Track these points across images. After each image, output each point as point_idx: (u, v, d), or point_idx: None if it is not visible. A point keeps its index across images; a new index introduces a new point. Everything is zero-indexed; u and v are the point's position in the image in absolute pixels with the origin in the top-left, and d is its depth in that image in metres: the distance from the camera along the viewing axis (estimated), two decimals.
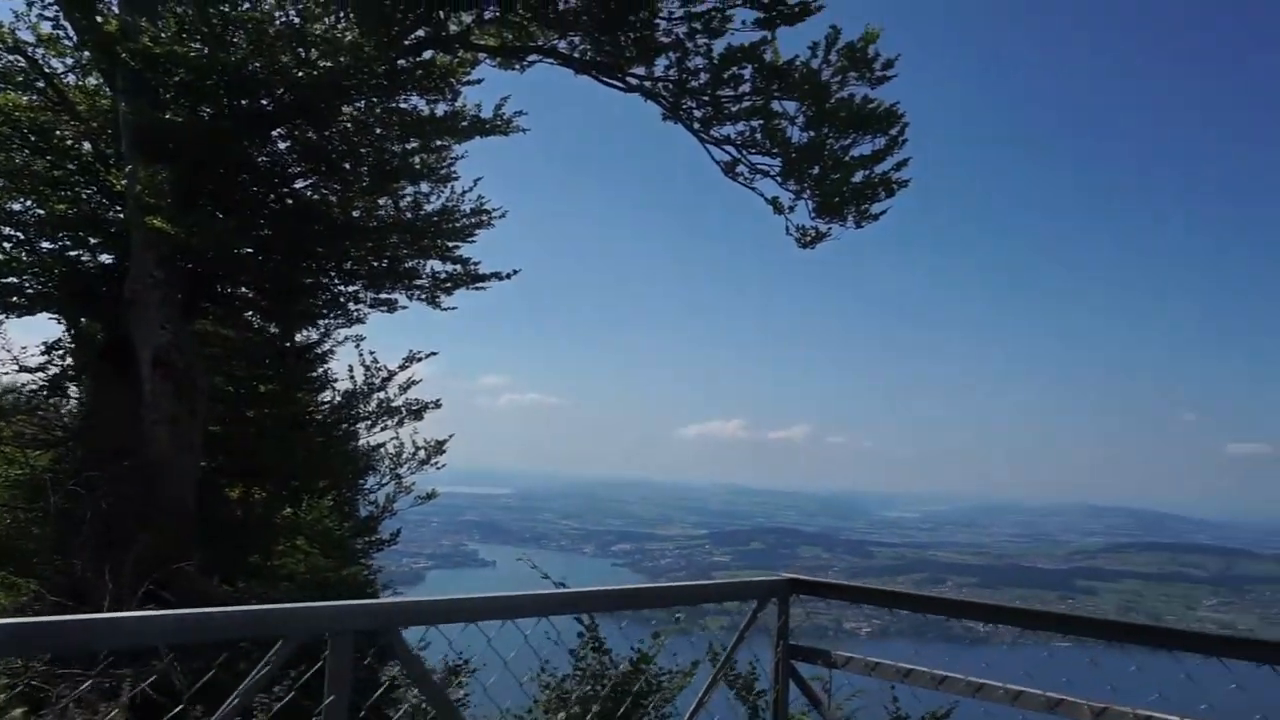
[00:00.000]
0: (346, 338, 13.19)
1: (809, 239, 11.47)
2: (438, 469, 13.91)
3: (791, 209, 11.40)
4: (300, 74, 9.08)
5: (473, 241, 12.17)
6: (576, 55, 10.92)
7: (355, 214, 11.64)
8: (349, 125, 10.83)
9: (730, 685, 5.32)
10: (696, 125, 11.34)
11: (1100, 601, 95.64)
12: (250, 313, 12.32)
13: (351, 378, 13.11)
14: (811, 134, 10.91)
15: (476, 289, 12.68)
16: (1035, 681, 3.05)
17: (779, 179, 11.28)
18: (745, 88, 10.95)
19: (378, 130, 10.93)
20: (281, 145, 10.81)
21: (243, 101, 9.37)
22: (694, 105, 11.25)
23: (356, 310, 12.87)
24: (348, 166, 11.20)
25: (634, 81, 11.09)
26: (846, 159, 10.98)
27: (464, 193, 11.87)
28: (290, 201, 11.05)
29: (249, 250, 10.82)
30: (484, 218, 12.09)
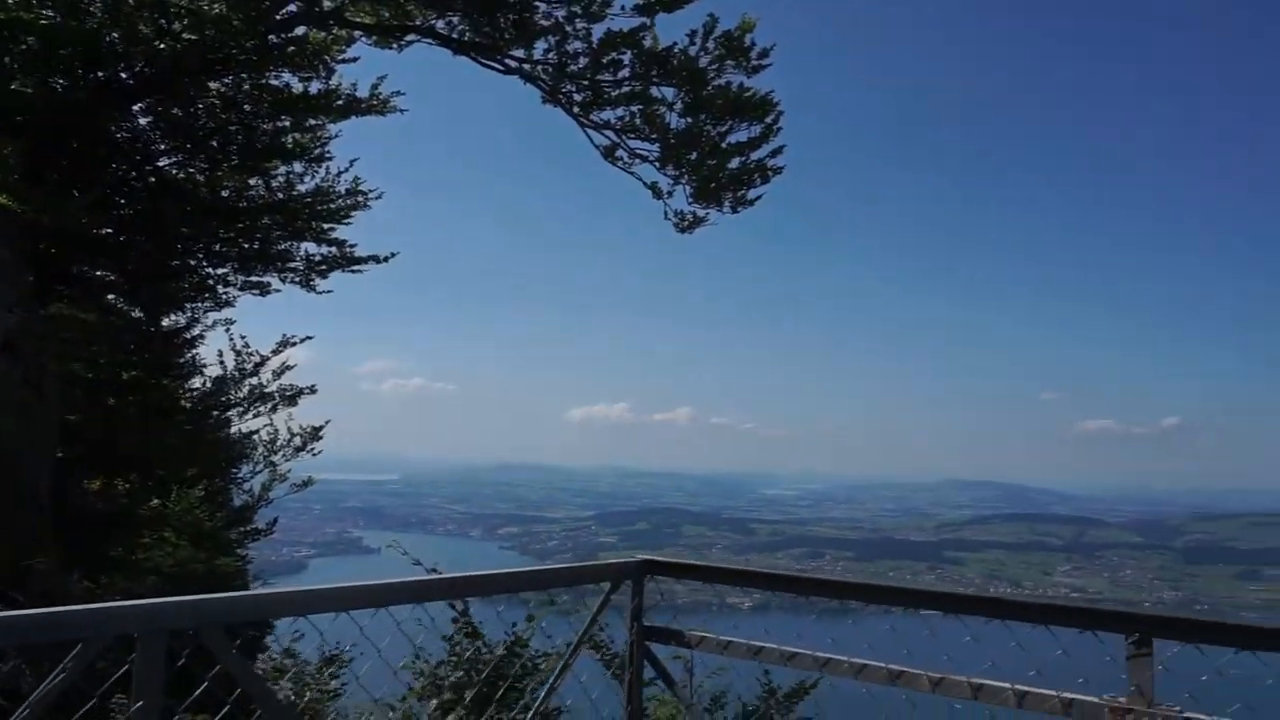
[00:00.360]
0: (216, 322, 12.70)
1: (687, 224, 11.61)
2: (314, 455, 13.55)
3: (670, 194, 11.50)
4: (162, 46, 8.64)
5: (349, 223, 11.87)
6: (455, 35, 10.73)
7: (224, 194, 11.20)
8: (216, 101, 10.39)
9: (607, 666, 5.37)
10: (576, 109, 11.31)
11: (966, 570, 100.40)
12: (112, 296, 11.73)
13: (222, 363, 12.61)
14: (689, 120, 11.02)
15: (353, 272, 12.38)
16: (879, 654, 3.18)
17: (658, 164, 11.37)
18: (625, 73, 10.97)
19: (247, 107, 10.52)
20: (143, 121, 10.30)
21: (99, 73, 8.87)
22: (573, 89, 11.21)
23: (226, 293, 12.39)
24: (215, 144, 10.74)
25: (513, 64, 10.97)
26: (723, 145, 11.14)
27: (339, 174, 11.55)
28: (154, 180, 10.54)
29: (108, 230, 10.28)
30: (360, 199, 11.80)
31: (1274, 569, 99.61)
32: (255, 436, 13.06)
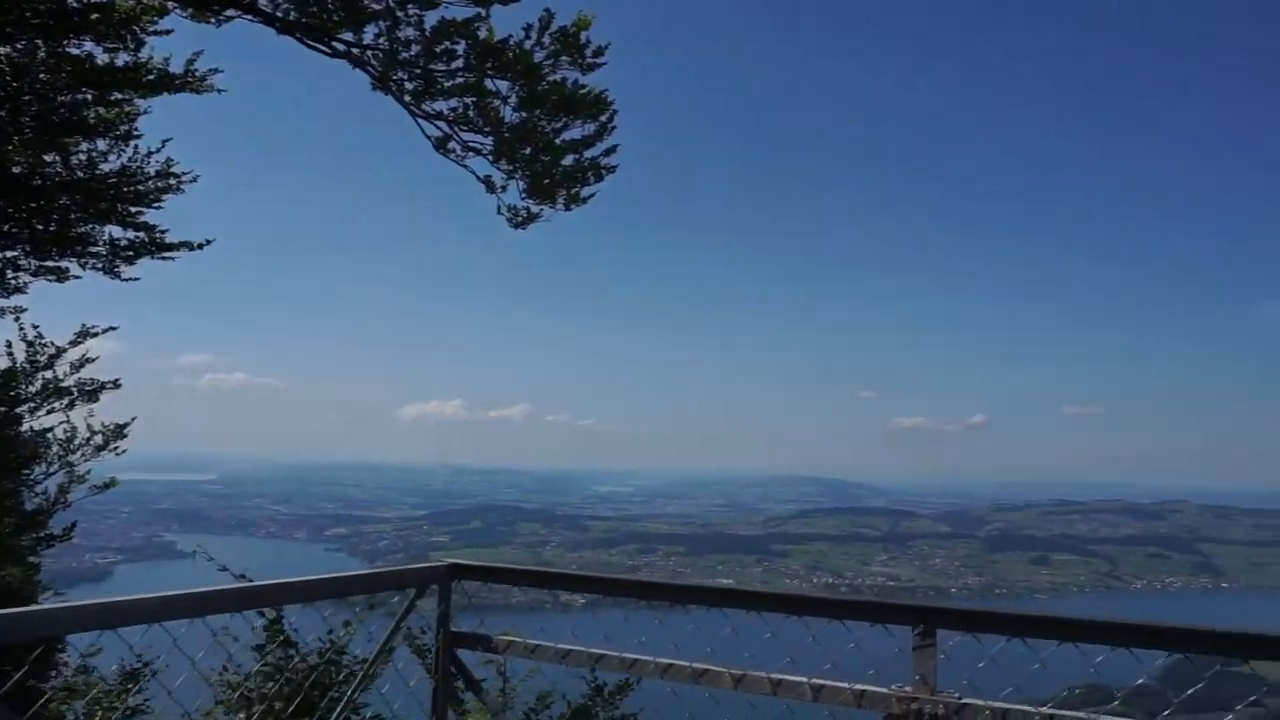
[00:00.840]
0: (4, 310, 11.60)
1: (520, 219, 11.48)
2: (118, 455, 12.60)
3: (503, 188, 11.34)
4: None
5: (159, 207, 11.08)
6: (279, 14, 10.21)
7: (15, 170, 10.25)
8: (6, 68, 9.48)
9: (429, 672, 5.21)
10: (407, 98, 10.97)
11: (791, 562, 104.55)
12: None
13: (10, 355, 11.53)
14: (524, 115, 10.89)
15: (164, 258, 11.57)
16: (683, 653, 3.21)
17: (491, 158, 11.18)
18: (458, 63, 10.72)
19: (42, 76, 9.66)
20: None
21: None
22: (405, 77, 10.87)
23: (16, 279, 11.35)
24: (4, 115, 9.81)
25: (341, 47, 10.52)
26: (557, 142, 11.07)
27: (150, 153, 10.76)
28: None
29: None
30: (173, 181, 11.05)
31: (1062, 554, 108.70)
32: (50, 435, 12.02)
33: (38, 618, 2.56)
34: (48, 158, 10.56)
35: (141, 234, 11.32)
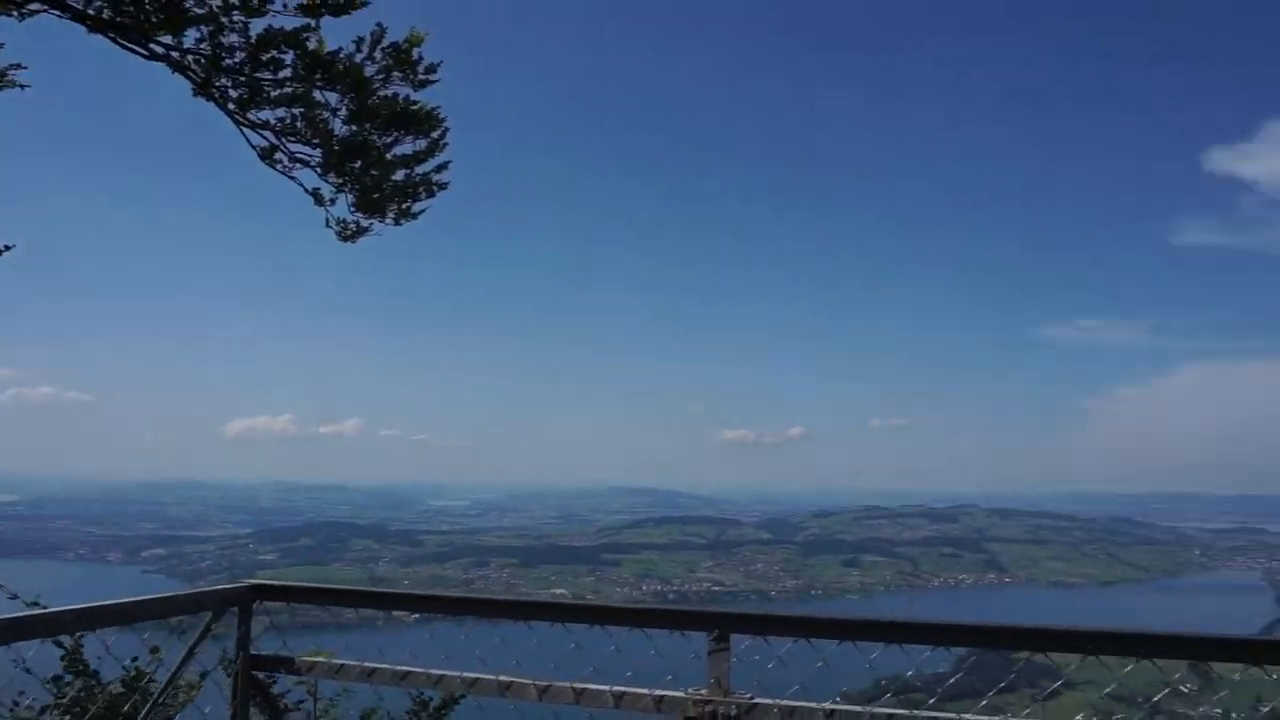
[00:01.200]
0: None
1: (350, 233, 11.09)
2: None
3: (333, 201, 10.95)
4: None
5: None
6: (91, 11, 9.51)
7: None
8: None
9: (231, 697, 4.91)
10: (231, 105, 10.43)
11: (622, 571, 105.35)
12: None
13: None
14: (354, 128, 10.57)
15: None
16: (489, 667, 3.17)
17: (320, 170, 10.78)
18: (286, 73, 10.29)
19: None
20: None
21: None
22: (229, 84, 10.34)
23: None
24: None
25: (159, 50, 9.90)
26: (388, 157, 10.80)
27: None
28: None
29: None
30: None
31: (870, 556, 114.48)
32: None
33: None
34: None
35: None
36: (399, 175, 11.30)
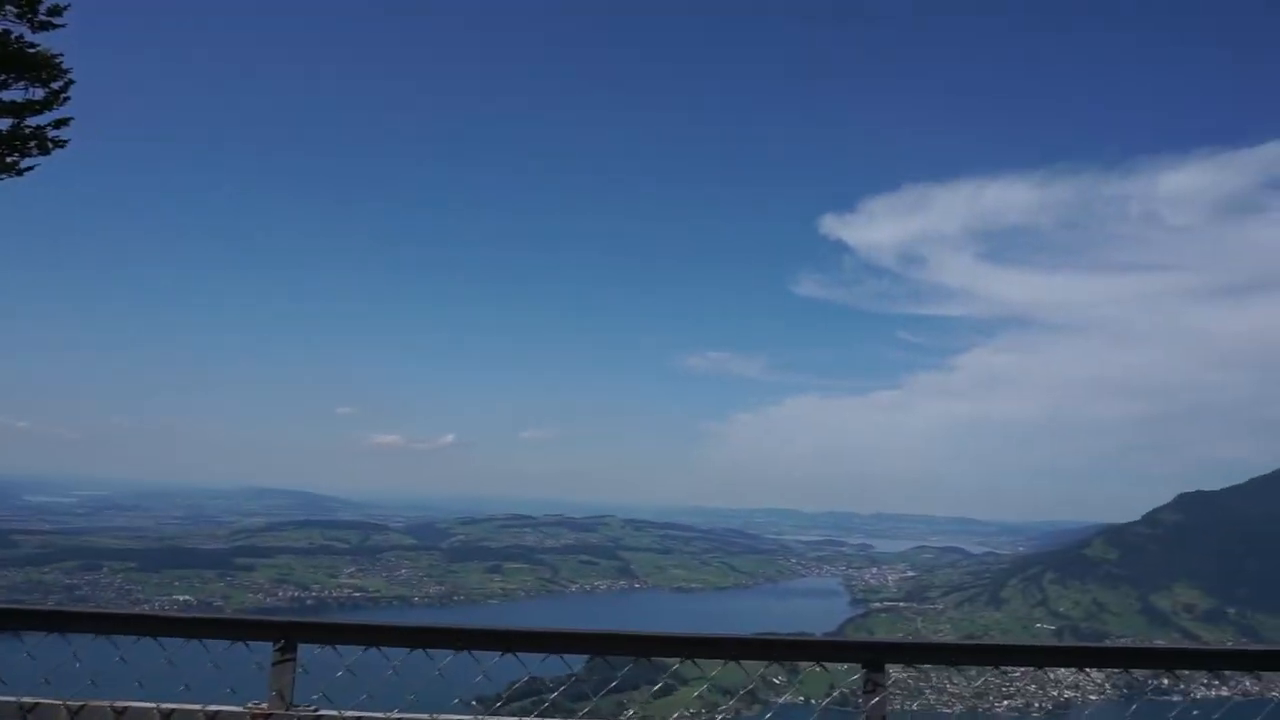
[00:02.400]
0: None
1: None
2: None
3: None
4: None
5: None
6: None
7: None
8: None
9: None
10: None
11: (257, 576, 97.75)
12: None
13: None
14: None
15: None
16: (9, 687, 2.74)
17: None
18: None
19: None
20: None
21: None
22: None
23: None
24: None
25: None
26: None
27: None
28: None
29: None
30: None
31: (513, 563, 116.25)
32: None
33: None
34: None
35: None
36: (4, 124, 9.73)
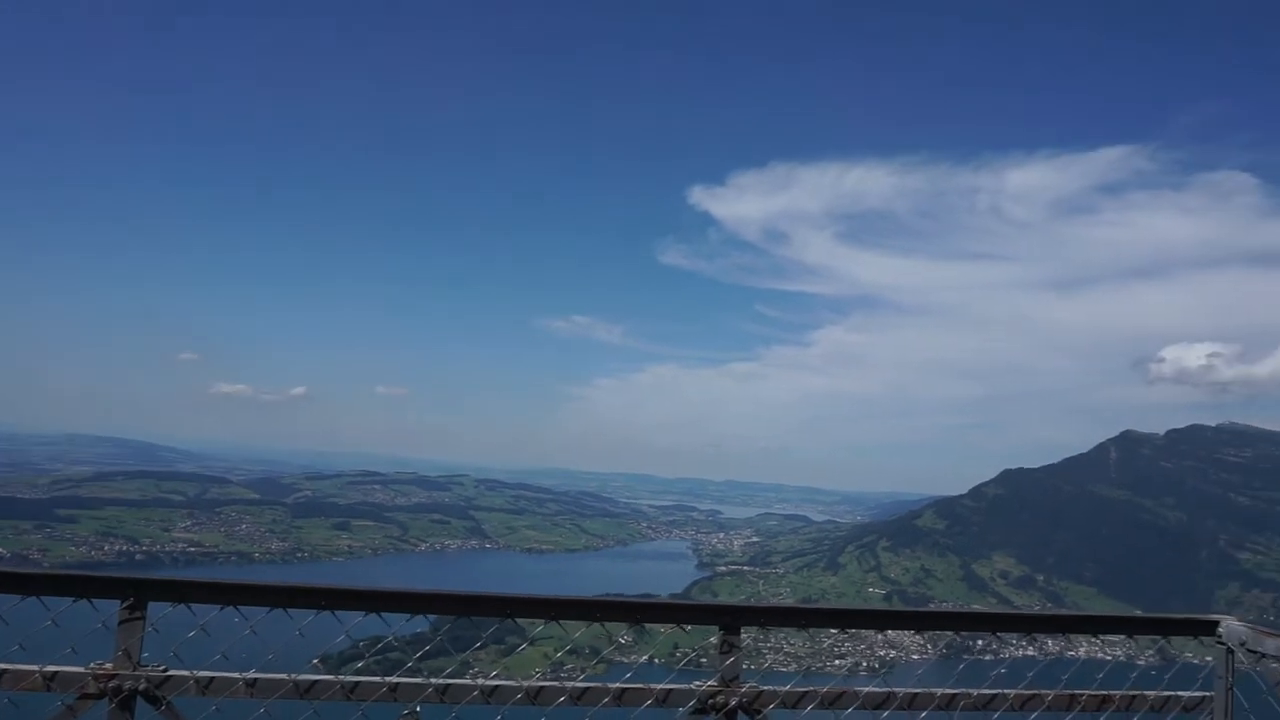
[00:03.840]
0: None
1: None
2: None
3: None
4: None
5: None
6: None
7: None
8: None
9: None
10: None
11: (79, 529, 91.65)
12: None
13: None
14: None
15: None
16: None
17: None
18: None
19: None
20: None
21: None
22: None
23: None
24: None
25: None
26: None
27: None
28: None
29: None
30: None
31: (362, 520, 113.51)
32: None
33: None
34: None
35: None
36: None
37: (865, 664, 63.02)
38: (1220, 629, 3.48)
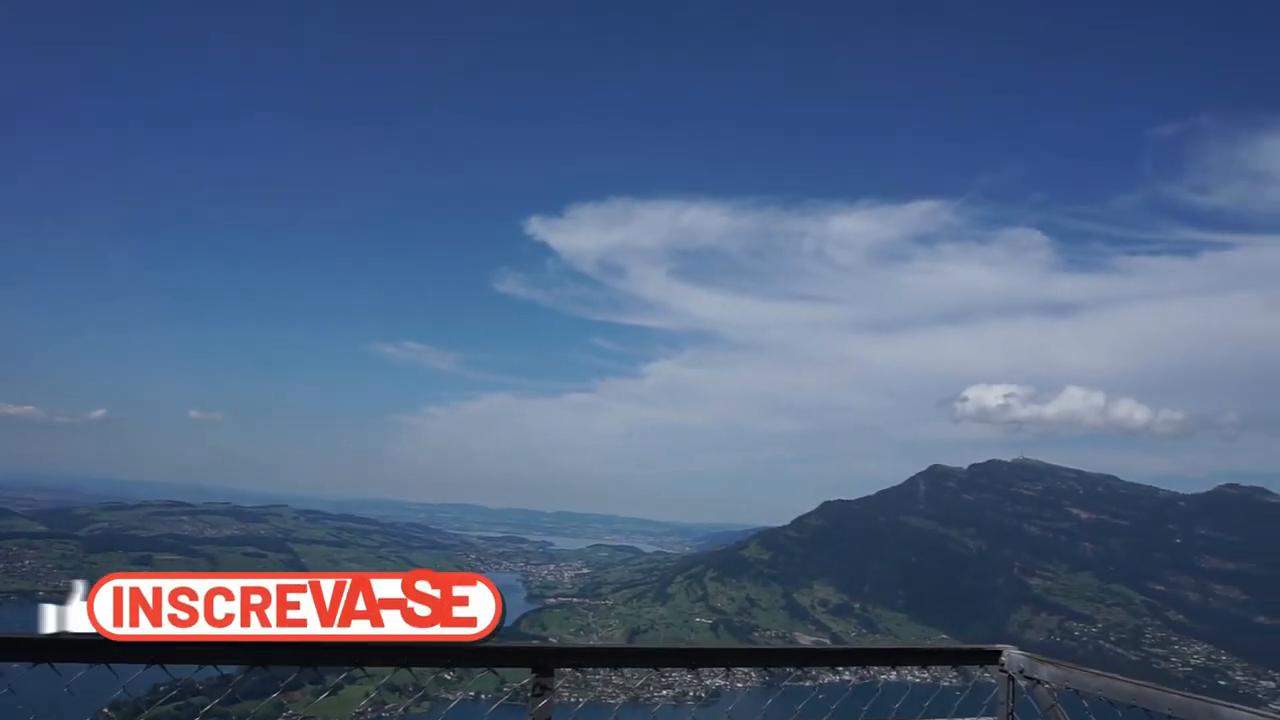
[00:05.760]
0: None
1: None
2: None
3: None
4: None
5: None
6: None
7: None
8: None
9: None
10: None
11: None
12: None
13: None
14: None
15: None
16: None
17: None
18: None
19: None
20: None
21: None
22: None
23: None
24: None
25: None
26: None
27: None
28: None
29: None
30: None
31: (166, 554, 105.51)
32: None
33: None
34: None
35: None
36: None
37: (692, 693, 63.97)
38: (1002, 658, 3.77)
